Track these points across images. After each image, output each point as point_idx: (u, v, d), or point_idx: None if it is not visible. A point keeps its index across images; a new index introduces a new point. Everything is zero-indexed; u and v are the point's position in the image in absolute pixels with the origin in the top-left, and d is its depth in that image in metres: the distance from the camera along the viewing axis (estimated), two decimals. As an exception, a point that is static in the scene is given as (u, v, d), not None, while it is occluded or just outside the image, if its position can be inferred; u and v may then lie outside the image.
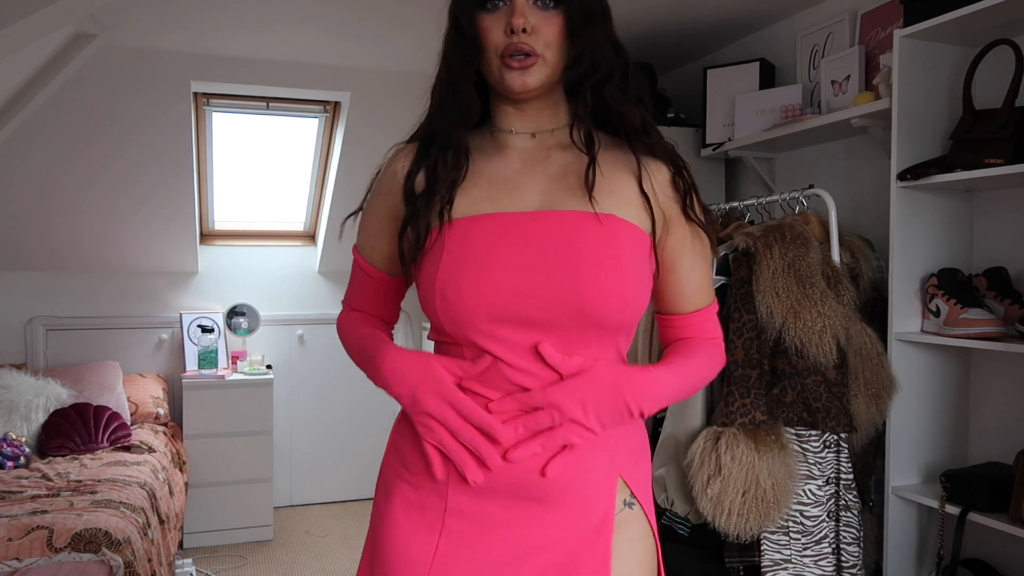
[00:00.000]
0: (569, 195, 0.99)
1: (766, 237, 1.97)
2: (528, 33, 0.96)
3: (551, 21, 0.97)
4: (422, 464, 0.98)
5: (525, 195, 1.00)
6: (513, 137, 1.05)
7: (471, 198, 1.00)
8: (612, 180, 1.01)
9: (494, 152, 1.05)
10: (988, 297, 1.92)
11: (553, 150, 1.04)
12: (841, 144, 2.56)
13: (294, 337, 4.26)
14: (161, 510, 2.82)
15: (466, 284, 0.93)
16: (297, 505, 4.25)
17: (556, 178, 1.01)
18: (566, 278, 0.92)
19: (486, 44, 0.98)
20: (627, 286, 0.94)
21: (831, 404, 1.89)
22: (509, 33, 0.96)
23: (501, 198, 1.00)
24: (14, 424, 3.18)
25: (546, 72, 0.98)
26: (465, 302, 0.93)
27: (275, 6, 2.69)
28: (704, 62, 3.12)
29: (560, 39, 0.98)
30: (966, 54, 1.95)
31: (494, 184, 1.01)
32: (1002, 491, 1.79)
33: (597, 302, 0.92)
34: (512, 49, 0.96)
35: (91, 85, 3.15)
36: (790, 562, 1.93)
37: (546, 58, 0.98)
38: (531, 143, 1.04)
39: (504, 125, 1.05)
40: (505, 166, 1.03)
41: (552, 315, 0.92)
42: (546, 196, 0.99)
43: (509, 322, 0.93)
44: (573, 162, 1.02)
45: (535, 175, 1.02)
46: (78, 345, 3.86)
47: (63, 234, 3.70)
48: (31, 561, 2.17)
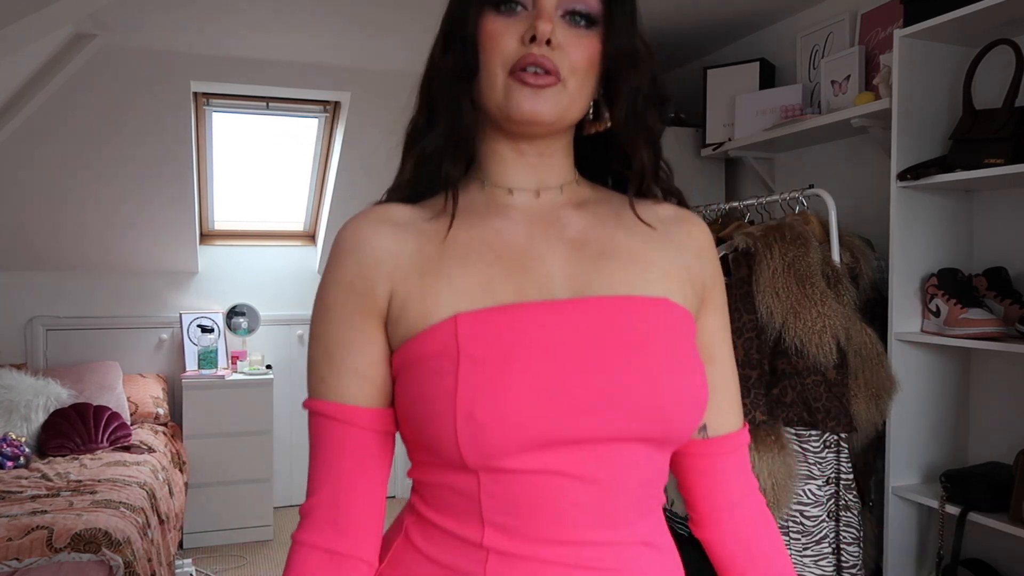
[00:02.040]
0: (605, 271, 0.76)
1: (766, 237, 1.97)
2: (552, 48, 0.73)
3: (582, 42, 0.75)
4: None
5: (548, 273, 0.75)
6: (513, 194, 0.80)
7: (481, 278, 0.73)
8: (651, 250, 0.79)
9: (490, 211, 0.79)
10: (988, 297, 1.92)
11: (563, 209, 0.80)
12: (841, 144, 2.56)
13: (294, 337, 4.26)
14: (161, 510, 2.82)
15: (506, 399, 0.67)
16: (297, 505, 4.22)
17: (578, 248, 0.77)
18: (637, 383, 0.70)
19: (491, 54, 0.74)
20: (698, 386, 0.74)
21: (831, 404, 1.89)
22: (528, 42, 0.73)
23: (520, 279, 0.74)
24: (14, 424, 3.18)
25: (565, 102, 0.75)
26: (505, 425, 0.67)
27: (275, 6, 2.69)
28: (704, 62, 3.12)
29: (590, 68, 0.75)
30: (966, 54, 1.95)
31: (503, 258, 0.75)
32: (1002, 491, 1.79)
33: (678, 411, 0.71)
34: (529, 61, 0.72)
35: (91, 85, 3.15)
36: (790, 562, 1.93)
37: (568, 86, 0.74)
38: (535, 202, 0.80)
39: (499, 178, 0.80)
40: (510, 232, 0.77)
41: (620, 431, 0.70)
42: (574, 274, 0.76)
43: (562, 446, 0.69)
44: (593, 227, 0.79)
45: (550, 244, 0.77)
46: (78, 345, 3.86)
47: (63, 234, 3.70)
48: (31, 561, 2.17)
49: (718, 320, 0.84)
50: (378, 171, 3.72)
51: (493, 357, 0.69)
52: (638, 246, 0.79)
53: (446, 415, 0.68)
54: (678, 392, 0.71)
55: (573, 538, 0.70)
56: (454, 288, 0.72)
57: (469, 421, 0.67)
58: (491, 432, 0.67)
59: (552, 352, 0.69)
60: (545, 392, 0.68)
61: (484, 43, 0.74)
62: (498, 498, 0.70)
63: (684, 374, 0.73)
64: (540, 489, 0.69)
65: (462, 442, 0.67)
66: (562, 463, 0.69)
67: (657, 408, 0.70)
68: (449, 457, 0.69)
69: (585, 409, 0.68)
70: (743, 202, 2.35)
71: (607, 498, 0.71)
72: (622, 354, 0.70)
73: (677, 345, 0.74)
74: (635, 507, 0.73)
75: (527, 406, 0.67)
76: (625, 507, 0.72)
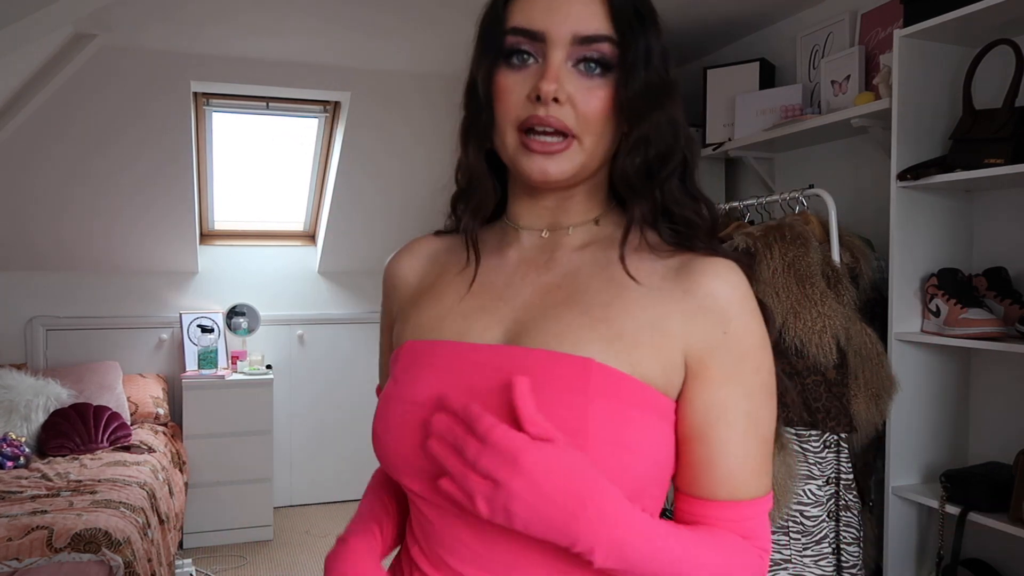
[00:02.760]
0: (548, 320, 0.72)
1: (766, 237, 1.97)
2: (561, 104, 0.70)
3: (595, 93, 0.71)
4: None
5: (500, 315, 0.75)
6: (521, 233, 0.80)
7: (441, 311, 0.78)
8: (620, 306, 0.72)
9: (494, 248, 0.81)
10: (988, 297, 1.92)
11: (561, 252, 0.78)
12: (841, 144, 2.56)
13: (294, 337, 4.26)
14: (161, 510, 2.82)
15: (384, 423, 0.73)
16: (297, 505, 4.25)
17: (545, 292, 0.75)
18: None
19: (501, 111, 0.73)
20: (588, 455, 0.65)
21: (831, 404, 1.89)
22: (535, 100, 0.70)
23: (472, 317, 0.76)
24: (14, 424, 3.18)
25: (580, 160, 0.72)
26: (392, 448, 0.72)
27: (275, 6, 2.69)
28: (704, 62, 3.12)
29: (605, 117, 0.72)
30: (966, 54, 1.95)
31: (476, 296, 0.77)
32: (1002, 491, 1.79)
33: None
34: (536, 122, 0.70)
35: (91, 85, 3.15)
36: (790, 562, 1.93)
37: (583, 143, 0.71)
38: (539, 241, 0.79)
39: (515, 216, 0.81)
40: (497, 270, 0.79)
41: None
42: (522, 319, 0.74)
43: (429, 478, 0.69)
44: (578, 271, 0.76)
45: (524, 285, 0.77)
46: (78, 345, 3.86)
47: (63, 234, 3.70)
48: (31, 561, 2.17)
49: (712, 395, 0.71)
50: (378, 171, 3.77)
51: (404, 385, 0.74)
52: (610, 301, 0.72)
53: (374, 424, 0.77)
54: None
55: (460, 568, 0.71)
56: (419, 318, 0.79)
57: (374, 431, 0.75)
58: (380, 450, 0.74)
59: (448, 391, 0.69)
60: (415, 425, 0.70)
61: (496, 99, 0.73)
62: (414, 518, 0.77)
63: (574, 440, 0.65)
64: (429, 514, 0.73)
65: (375, 448, 0.75)
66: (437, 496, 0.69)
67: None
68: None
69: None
70: (743, 202, 2.35)
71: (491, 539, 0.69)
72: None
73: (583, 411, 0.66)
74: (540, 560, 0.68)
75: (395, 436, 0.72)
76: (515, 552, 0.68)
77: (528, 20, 0.71)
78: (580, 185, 0.77)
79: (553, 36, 0.70)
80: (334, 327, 4.30)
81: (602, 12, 0.71)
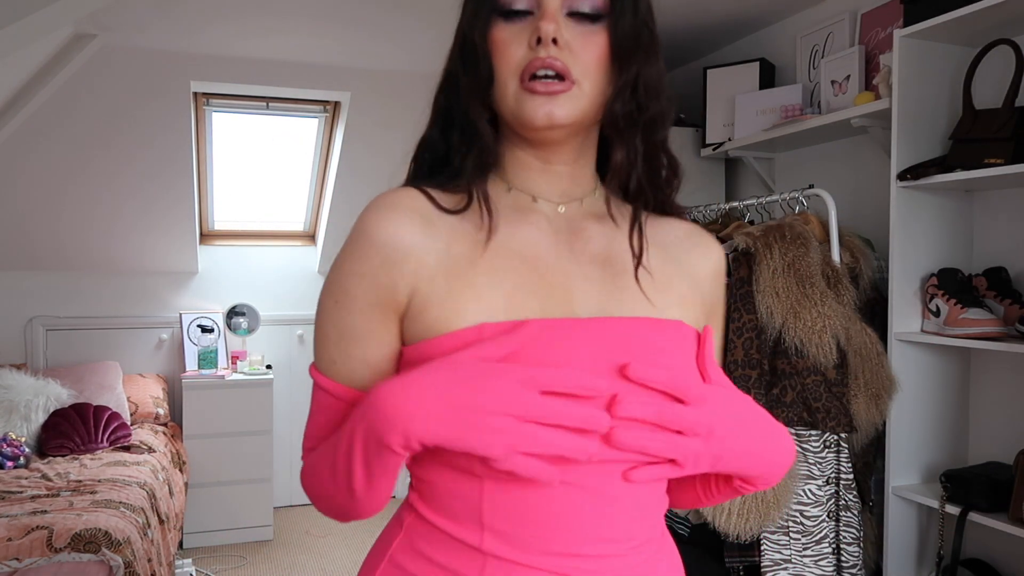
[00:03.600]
0: (622, 292, 0.76)
1: (766, 237, 1.97)
2: (560, 48, 0.71)
3: (591, 40, 0.73)
4: None
5: (571, 289, 0.75)
6: (539, 203, 0.79)
7: (507, 289, 0.72)
8: (667, 270, 0.79)
9: (516, 217, 0.78)
10: (988, 297, 1.92)
11: (585, 221, 0.80)
12: (841, 144, 2.56)
13: (294, 337, 4.26)
14: (161, 510, 2.82)
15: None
16: (297, 505, 4.25)
17: (600, 265, 0.77)
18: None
19: (501, 62, 0.73)
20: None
21: (831, 404, 1.89)
22: (535, 45, 0.72)
23: (544, 294, 0.74)
24: (14, 424, 3.18)
25: (581, 104, 0.73)
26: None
27: (275, 6, 2.69)
28: (704, 62, 3.12)
29: (602, 64, 0.74)
30: (966, 54, 1.95)
31: (530, 269, 0.74)
32: (1002, 491, 1.79)
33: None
34: (538, 65, 0.71)
35: (91, 85, 3.15)
36: (790, 562, 1.93)
37: (583, 87, 0.73)
38: (558, 213, 0.80)
39: (523, 184, 0.80)
40: (539, 242, 0.77)
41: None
42: (597, 293, 0.76)
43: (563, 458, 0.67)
44: (611, 242, 0.79)
45: (575, 259, 0.77)
46: (78, 345, 3.86)
47: (63, 234, 3.70)
48: (31, 561, 2.17)
49: (715, 338, 0.82)
50: (378, 171, 3.76)
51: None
52: (656, 267, 0.78)
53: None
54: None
55: (571, 550, 0.70)
56: (480, 296, 0.72)
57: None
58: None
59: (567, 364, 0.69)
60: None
61: (494, 52, 0.74)
62: (499, 504, 0.70)
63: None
64: (542, 499, 0.69)
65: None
66: (567, 475, 0.68)
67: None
68: (459, 459, 0.69)
69: None
70: (743, 202, 2.35)
71: (607, 511, 0.71)
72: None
73: (688, 364, 0.75)
74: (633, 517, 0.73)
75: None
76: (624, 518, 0.72)
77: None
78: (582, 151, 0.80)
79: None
80: (334, 327, 4.30)
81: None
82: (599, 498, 0.70)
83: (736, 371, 1.91)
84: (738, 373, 1.91)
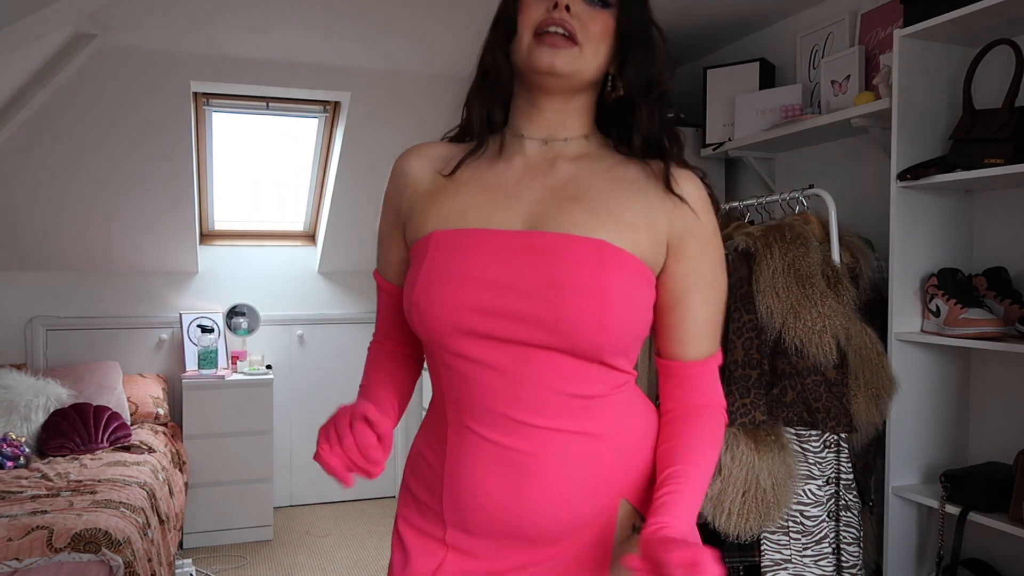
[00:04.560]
0: (563, 212, 0.93)
1: (766, 237, 1.97)
2: (571, 15, 0.91)
3: (599, 17, 0.94)
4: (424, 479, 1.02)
5: (516, 208, 0.95)
6: (524, 142, 0.99)
7: (461, 205, 0.96)
8: (618, 200, 0.94)
9: (499, 157, 1.00)
10: (988, 297, 1.92)
11: (560, 160, 0.98)
12: (841, 144, 2.56)
13: (294, 337, 4.26)
14: (161, 510, 2.82)
15: (440, 295, 0.91)
16: (297, 505, 4.25)
17: (555, 191, 0.95)
18: (543, 303, 0.88)
19: (522, 19, 0.93)
20: (609, 314, 0.88)
21: (831, 404, 1.89)
22: (551, 8, 0.92)
23: (491, 210, 0.95)
24: (14, 424, 3.18)
25: (579, 64, 0.93)
26: (437, 313, 0.91)
27: (275, 6, 2.69)
28: (704, 62, 3.12)
29: (604, 38, 0.94)
30: (966, 54, 1.95)
31: (488, 191, 0.97)
32: (1002, 491, 1.79)
33: (574, 329, 0.88)
34: (549, 23, 0.91)
35: (91, 85, 3.15)
36: (790, 562, 1.93)
37: (584, 51, 0.93)
38: (540, 150, 0.99)
39: (517, 128, 1.00)
40: (506, 173, 0.98)
41: (529, 338, 0.89)
42: (538, 212, 0.94)
43: (485, 339, 0.90)
44: (579, 175, 0.96)
45: (534, 186, 0.96)
46: (78, 345, 3.86)
47: (63, 234, 3.70)
48: (31, 561, 2.17)
49: (687, 268, 0.96)
50: (378, 171, 3.74)
51: (442, 264, 0.92)
52: (610, 198, 0.94)
53: (409, 299, 0.95)
54: (582, 316, 0.87)
55: (495, 416, 0.92)
56: (440, 212, 0.97)
57: (417, 305, 0.93)
58: (428, 315, 0.92)
59: (485, 268, 0.91)
60: (469, 295, 0.90)
61: (520, 15, 0.94)
62: (446, 377, 0.96)
63: (595, 303, 0.88)
64: (470, 371, 0.92)
65: (414, 319, 0.94)
66: (483, 354, 0.91)
67: (559, 325, 0.88)
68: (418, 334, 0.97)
69: (499, 315, 0.89)
70: (743, 202, 2.35)
71: (518, 387, 0.91)
72: (543, 280, 0.89)
73: (600, 280, 0.88)
74: (556, 401, 0.91)
75: (452, 302, 0.90)
76: (541, 399, 0.91)
77: None
78: (572, 103, 0.99)
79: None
80: (334, 327, 4.30)
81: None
82: (506, 375, 0.91)
83: (736, 371, 1.91)
84: (738, 373, 1.91)
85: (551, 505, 0.91)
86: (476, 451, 0.93)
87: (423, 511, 1.00)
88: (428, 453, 1.01)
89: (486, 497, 0.92)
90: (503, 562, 0.95)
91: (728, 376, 1.91)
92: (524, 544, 0.94)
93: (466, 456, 0.94)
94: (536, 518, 0.92)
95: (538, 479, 0.91)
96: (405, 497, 1.05)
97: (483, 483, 0.92)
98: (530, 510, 0.91)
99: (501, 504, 0.92)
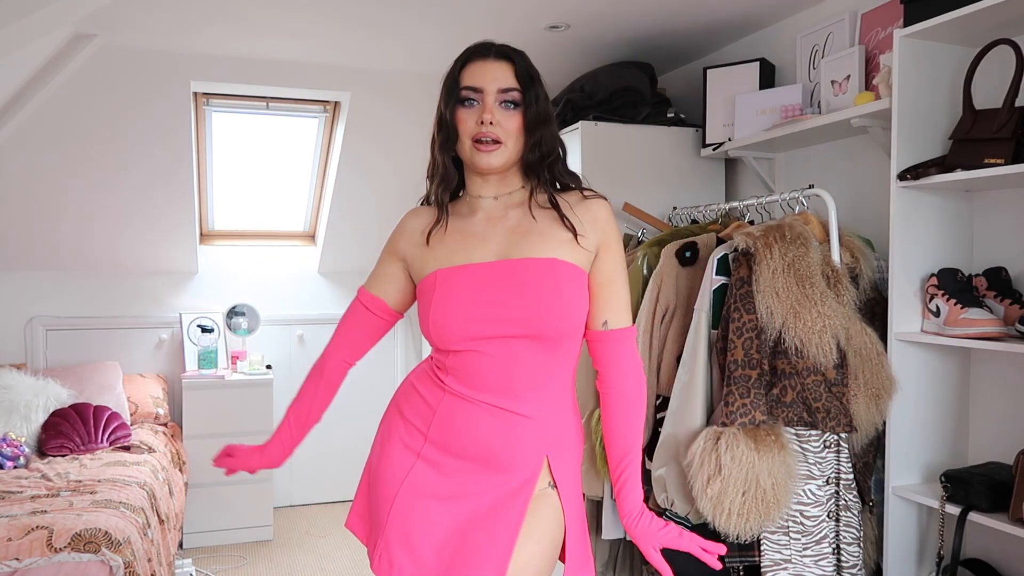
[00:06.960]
0: (521, 244, 1.35)
1: (766, 237, 1.97)
2: (493, 125, 1.33)
3: (512, 118, 1.35)
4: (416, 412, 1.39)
5: (489, 247, 1.36)
6: (482, 200, 1.42)
7: (449, 250, 1.38)
8: (558, 229, 1.36)
9: (468, 213, 1.42)
10: (988, 297, 1.92)
11: (510, 208, 1.41)
12: (841, 144, 2.56)
13: (294, 337, 4.26)
14: (161, 510, 2.82)
15: (451, 314, 1.32)
16: (297, 505, 4.25)
17: (512, 231, 1.37)
18: (518, 307, 1.30)
19: (462, 131, 1.35)
20: (563, 308, 1.31)
21: (831, 404, 1.89)
22: (480, 123, 1.33)
23: (472, 250, 1.36)
24: (14, 424, 3.18)
25: (507, 156, 1.36)
26: (451, 328, 1.32)
27: (275, 6, 2.69)
28: (704, 62, 3.12)
29: (518, 132, 1.35)
30: (966, 54, 1.95)
31: (466, 238, 1.38)
32: (1002, 491, 1.79)
33: (540, 320, 1.30)
34: (481, 135, 1.33)
35: (91, 85, 3.15)
36: (790, 562, 1.93)
37: (507, 145, 1.35)
38: (494, 204, 1.41)
39: (474, 191, 1.43)
40: (476, 224, 1.40)
41: (511, 332, 1.30)
42: (505, 246, 1.36)
43: (483, 339, 1.31)
44: (525, 216, 1.38)
45: (497, 229, 1.38)
46: (78, 345, 3.86)
47: (63, 234, 3.70)
48: (31, 561, 2.17)
49: (609, 258, 1.39)
50: (378, 171, 3.74)
51: (448, 292, 1.33)
52: (545, 227, 1.37)
53: (426, 322, 1.35)
54: (546, 312, 1.30)
55: (489, 385, 1.32)
56: (437, 256, 1.39)
57: (433, 325, 1.33)
58: (442, 331, 1.33)
59: (475, 290, 1.32)
60: (469, 311, 1.31)
61: (458, 126, 1.37)
62: (453, 364, 1.35)
63: (553, 302, 1.30)
64: (471, 361, 1.33)
65: (432, 335, 1.35)
66: (481, 347, 1.32)
67: (530, 320, 1.29)
68: (434, 344, 1.38)
69: (490, 320, 1.30)
70: (743, 202, 2.35)
71: (506, 371, 1.32)
72: (515, 291, 1.30)
73: (554, 286, 1.31)
74: (528, 382, 1.33)
75: (458, 319, 1.31)
76: (519, 380, 1.32)
77: (473, 81, 1.36)
78: (508, 170, 1.40)
79: (487, 89, 1.35)
80: (334, 327, 4.26)
81: (512, 75, 1.36)
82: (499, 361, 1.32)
83: (736, 371, 1.91)
84: (738, 373, 1.91)
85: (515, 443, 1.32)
86: (473, 405, 1.33)
87: (408, 428, 1.39)
88: (422, 390, 1.40)
89: (474, 432, 1.32)
90: (459, 478, 1.33)
91: (728, 376, 1.91)
92: (482, 467, 1.32)
93: (465, 407, 1.33)
94: (502, 450, 1.32)
95: (518, 426, 1.32)
96: (393, 415, 1.44)
97: (476, 424, 1.32)
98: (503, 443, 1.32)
99: (484, 436, 1.32)
